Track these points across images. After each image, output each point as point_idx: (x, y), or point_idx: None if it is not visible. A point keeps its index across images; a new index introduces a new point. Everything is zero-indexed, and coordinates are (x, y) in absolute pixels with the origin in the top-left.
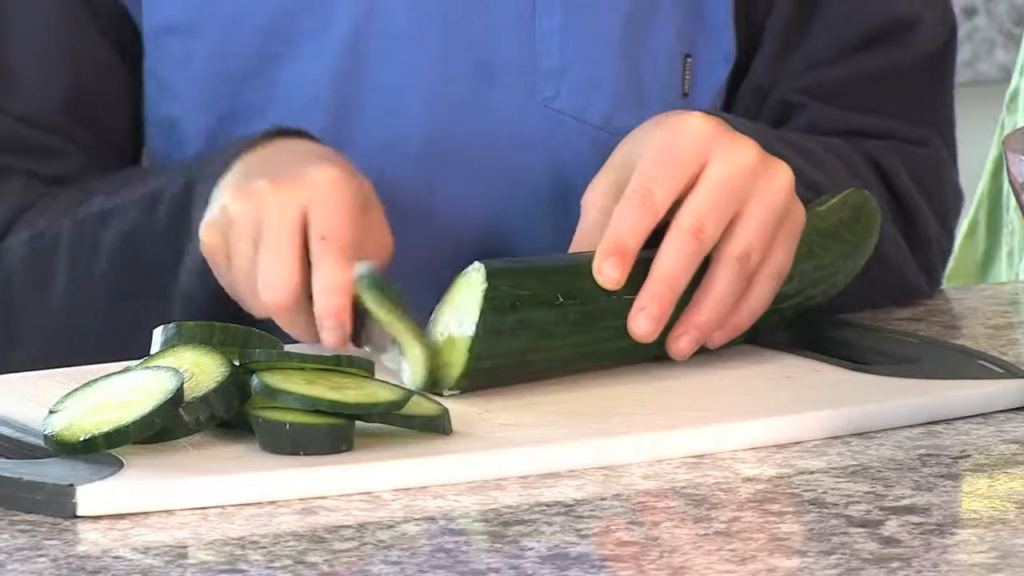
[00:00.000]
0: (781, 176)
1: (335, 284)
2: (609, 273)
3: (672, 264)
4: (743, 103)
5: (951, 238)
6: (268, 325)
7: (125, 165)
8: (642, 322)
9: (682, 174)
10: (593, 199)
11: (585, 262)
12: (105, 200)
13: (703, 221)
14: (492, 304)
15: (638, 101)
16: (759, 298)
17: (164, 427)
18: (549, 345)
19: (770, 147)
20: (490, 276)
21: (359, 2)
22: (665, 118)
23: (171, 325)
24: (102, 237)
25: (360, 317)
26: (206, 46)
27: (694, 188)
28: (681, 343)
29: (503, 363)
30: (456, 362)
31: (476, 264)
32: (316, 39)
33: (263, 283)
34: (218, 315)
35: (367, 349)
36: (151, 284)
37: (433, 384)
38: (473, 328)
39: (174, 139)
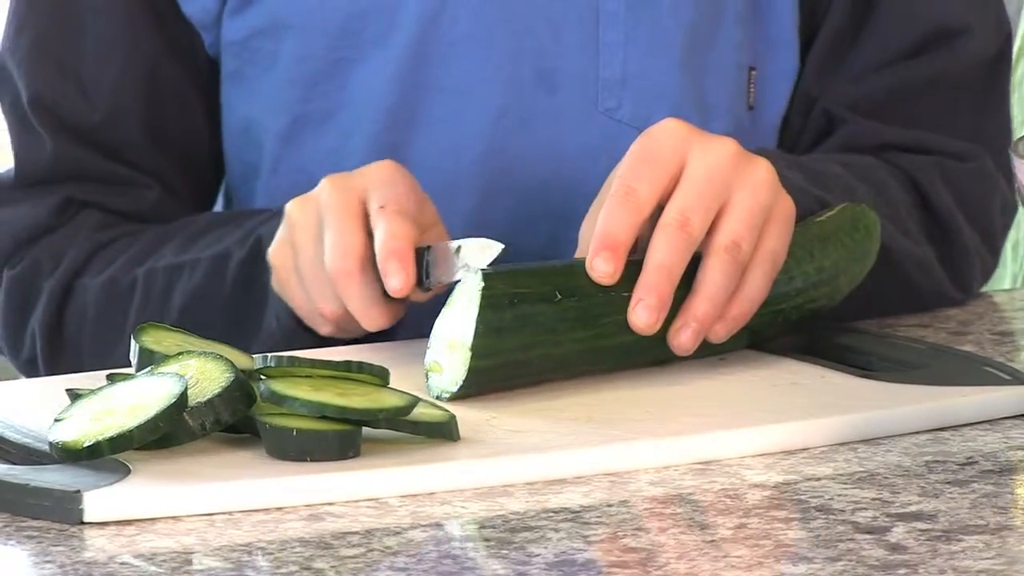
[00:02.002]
0: (761, 168)
1: (397, 230)
2: (602, 267)
3: (663, 255)
4: (792, 112)
5: (995, 254)
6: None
7: (202, 197)
8: (642, 313)
9: (662, 172)
10: (588, 225)
11: (581, 262)
12: (175, 254)
13: (688, 215)
14: (489, 302)
15: (701, 113)
16: (756, 286)
17: (169, 432)
18: (550, 341)
19: (783, 175)
20: (486, 277)
21: (426, 8)
22: (646, 129)
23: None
24: (171, 291)
25: (424, 264)
26: (288, 48)
27: (677, 185)
28: (682, 337)
29: (505, 361)
30: (458, 364)
31: (472, 270)
32: (382, 44)
33: (330, 256)
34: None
35: (429, 289)
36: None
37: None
38: (473, 327)
39: (250, 141)
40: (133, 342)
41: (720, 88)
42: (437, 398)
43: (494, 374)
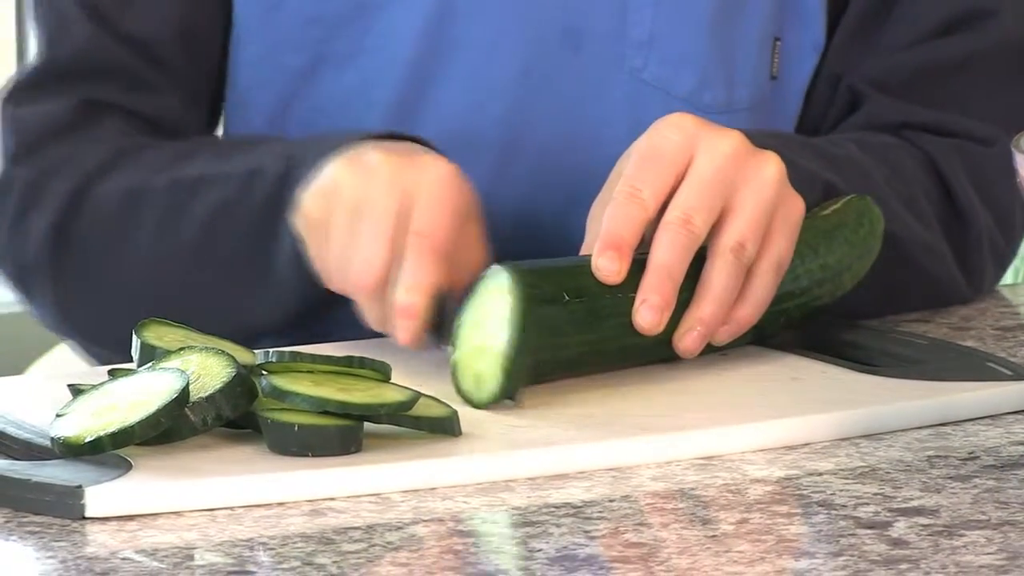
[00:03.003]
0: (770, 166)
1: (418, 282)
2: (607, 266)
3: (665, 255)
4: (818, 88)
5: (1014, 241)
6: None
7: (207, 111)
8: (646, 313)
9: (668, 171)
10: (595, 213)
11: (586, 261)
12: (205, 166)
13: (691, 213)
14: (527, 300)
15: (727, 80)
16: (761, 289)
17: (171, 428)
18: (558, 343)
19: (793, 160)
20: (514, 274)
21: None
22: (654, 124)
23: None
24: (196, 203)
25: (445, 315)
26: None
27: (681, 183)
28: (687, 340)
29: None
30: (492, 368)
31: (495, 267)
32: None
33: (355, 266)
34: (307, 301)
35: (448, 349)
36: (238, 258)
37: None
38: (509, 328)
39: (262, 77)
40: (135, 337)
41: (746, 56)
42: (475, 405)
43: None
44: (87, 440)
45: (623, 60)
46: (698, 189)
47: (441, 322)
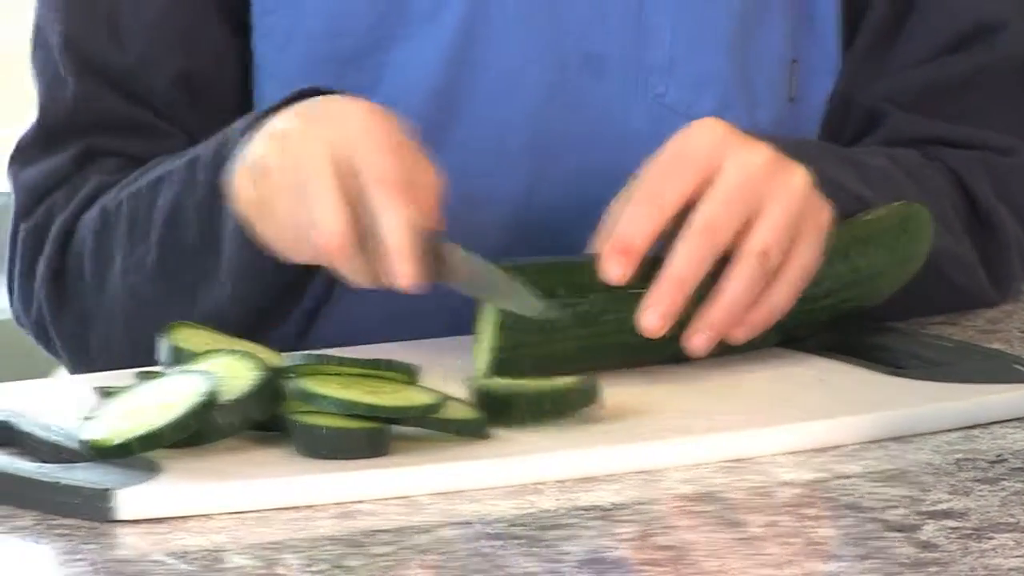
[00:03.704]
0: (797, 177)
1: (399, 223)
2: (614, 270)
3: (682, 264)
4: (832, 108)
5: None
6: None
7: None
8: (651, 317)
9: (692, 175)
10: (615, 209)
11: (591, 260)
12: (160, 169)
13: (716, 223)
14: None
15: (748, 102)
16: (781, 296)
17: (199, 430)
18: (553, 339)
19: (823, 169)
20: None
21: None
22: (684, 128)
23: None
24: (154, 205)
25: (433, 248)
26: (311, 25)
27: (708, 191)
28: (695, 341)
29: (510, 356)
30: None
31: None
32: (431, 21)
33: (317, 230)
34: (264, 279)
35: (450, 284)
36: (196, 251)
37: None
38: (491, 322)
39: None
40: (162, 340)
41: (765, 78)
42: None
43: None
44: (116, 443)
45: (645, 85)
46: (725, 199)
47: (432, 256)
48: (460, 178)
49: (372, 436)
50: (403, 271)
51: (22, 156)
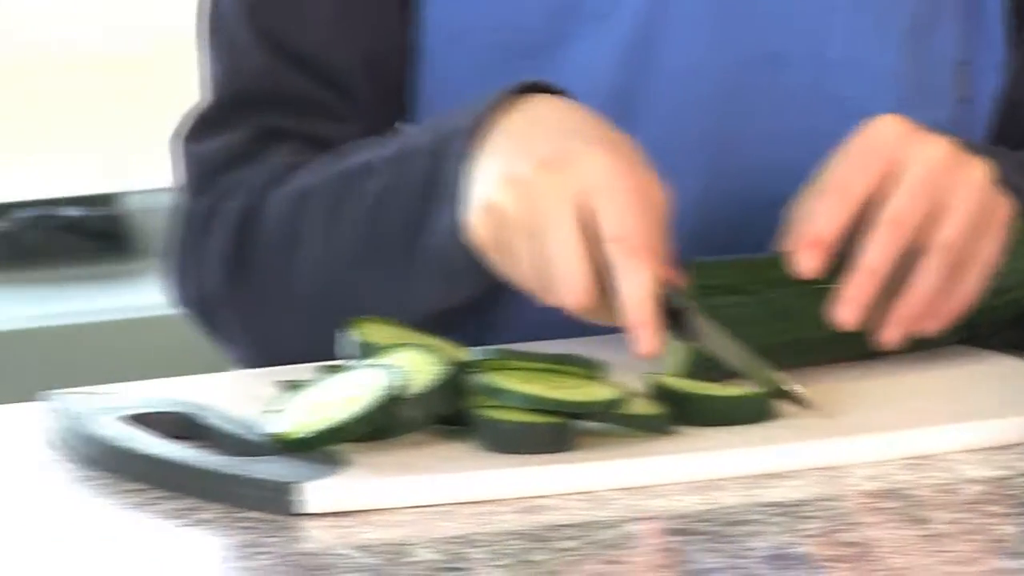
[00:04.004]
0: (978, 171)
1: (638, 291)
2: (807, 263)
3: (875, 256)
4: (999, 110)
5: None
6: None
7: None
8: (844, 310)
9: (877, 169)
10: (802, 205)
11: (782, 255)
12: (367, 154)
13: (903, 216)
14: (703, 291)
15: (923, 101)
16: (968, 288)
17: (383, 425)
18: (744, 333)
19: (1004, 173)
20: (697, 265)
21: None
22: (867, 124)
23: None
24: (358, 195)
25: (675, 308)
26: (482, 19)
27: (894, 185)
28: (888, 334)
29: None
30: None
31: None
32: (605, 19)
33: (560, 286)
34: (476, 276)
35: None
36: (398, 248)
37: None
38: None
39: (445, 108)
40: (348, 333)
41: (938, 79)
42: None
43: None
44: (300, 436)
45: (823, 83)
46: (911, 193)
47: (675, 316)
48: None
49: (557, 431)
50: (644, 342)
51: (197, 130)
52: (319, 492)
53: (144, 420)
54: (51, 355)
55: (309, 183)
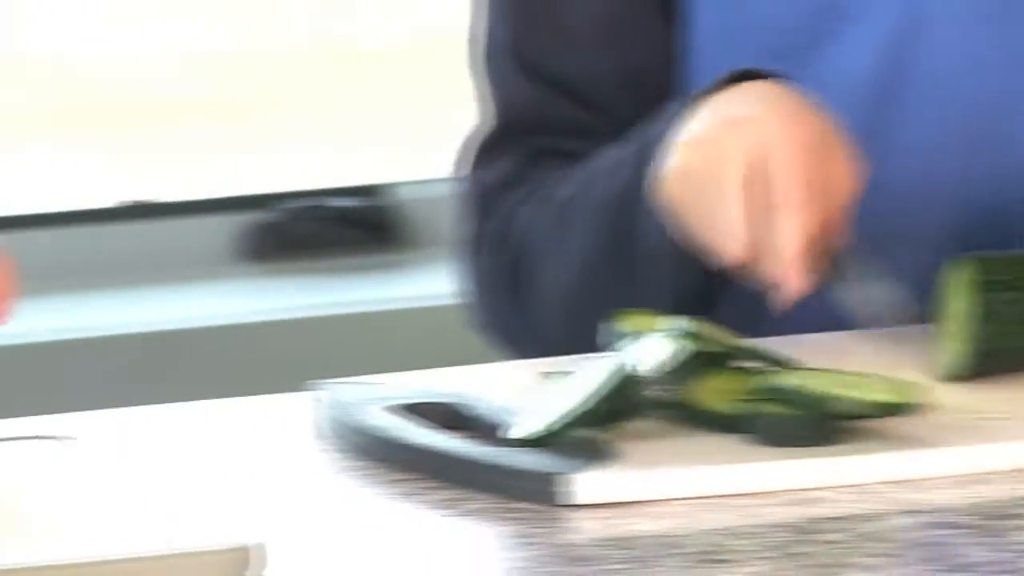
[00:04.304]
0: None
1: (794, 235)
2: None
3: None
4: None
5: None
6: None
7: None
8: None
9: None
10: None
11: None
12: (602, 160)
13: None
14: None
15: None
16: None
17: (621, 408)
18: (1014, 331)
19: None
20: (978, 260)
21: None
22: None
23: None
24: (589, 198)
25: (835, 258)
26: (756, 19)
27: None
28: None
29: (990, 348)
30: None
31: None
32: (862, 22)
33: (720, 236)
34: (682, 275)
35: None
36: (619, 252)
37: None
38: (971, 308)
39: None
40: (610, 325)
41: None
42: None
43: (984, 358)
44: (543, 428)
45: None
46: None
47: (836, 266)
48: (895, 178)
49: (828, 425)
50: (790, 281)
51: (479, 158)
52: (588, 483)
53: (412, 410)
54: (319, 345)
55: (566, 196)
